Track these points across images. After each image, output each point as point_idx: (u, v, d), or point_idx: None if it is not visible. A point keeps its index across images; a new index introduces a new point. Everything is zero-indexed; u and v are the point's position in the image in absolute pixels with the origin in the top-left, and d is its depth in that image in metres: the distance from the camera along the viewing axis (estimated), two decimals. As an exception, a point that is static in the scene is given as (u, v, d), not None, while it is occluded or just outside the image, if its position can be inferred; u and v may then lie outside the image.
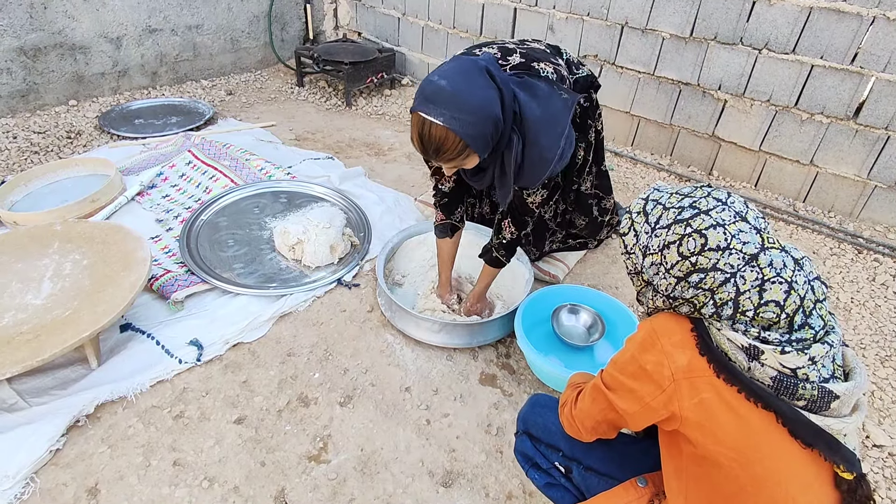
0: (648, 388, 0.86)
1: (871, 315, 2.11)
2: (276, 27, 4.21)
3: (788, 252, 0.83)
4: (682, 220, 0.85)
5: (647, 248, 0.91)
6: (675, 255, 0.85)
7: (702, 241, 0.82)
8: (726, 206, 0.84)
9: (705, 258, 0.82)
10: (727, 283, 0.81)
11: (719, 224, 0.82)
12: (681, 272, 0.85)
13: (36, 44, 3.13)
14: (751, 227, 0.82)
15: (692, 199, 0.87)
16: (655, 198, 0.93)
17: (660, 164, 3.11)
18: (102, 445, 1.49)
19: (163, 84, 3.77)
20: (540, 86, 1.43)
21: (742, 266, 0.80)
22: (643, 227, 0.92)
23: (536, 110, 1.40)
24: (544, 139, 1.40)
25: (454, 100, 1.25)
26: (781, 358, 0.77)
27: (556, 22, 3.24)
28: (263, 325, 1.87)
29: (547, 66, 1.52)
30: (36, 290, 1.67)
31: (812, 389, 0.76)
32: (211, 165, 2.61)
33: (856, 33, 2.36)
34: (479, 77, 1.30)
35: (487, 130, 1.30)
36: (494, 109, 1.30)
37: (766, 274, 0.79)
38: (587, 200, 2.08)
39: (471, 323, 1.80)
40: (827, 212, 2.72)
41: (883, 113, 2.42)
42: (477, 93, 1.28)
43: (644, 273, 0.93)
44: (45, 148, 2.92)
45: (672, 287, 0.87)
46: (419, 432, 1.57)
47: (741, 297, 0.80)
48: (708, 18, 2.71)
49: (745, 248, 0.80)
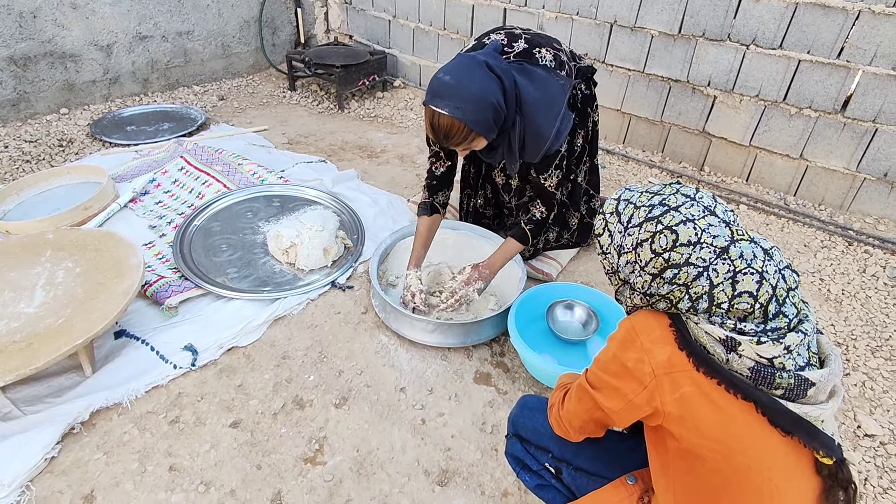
0: (631, 385, 0.87)
1: (861, 306, 2.13)
2: (267, 32, 4.22)
3: (758, 243, 0.85)
4: (652, 218, 0.87)
5: (621, 247, 0.92)
6: (648, 252, 0.87)
7: (673, 238, 0.84)
8: (695, 202, 0.86)
9: (678, 254, 0.83)
10: (700, 276, 0.82)
11: (689, 219, 0.84)
12: (655, 269, 0.86)
13: (26, 53, 3.13)
14: (720, 221, 0.84)
15: (661, 197, 0.89)
16: (626, 197, 0.95)
17: (651, 161, 3.13)
18: (98, 452, 1.49)
19: (154, 91, 3.77)
20: (538, 72, 1.62)
21: (714, 259, 0.82)
22: (616, 227, 0.94)
23: (534, 93, 1.60)
24: (541, 118, 1.61)
25: (457, 92, 1.47)
26: (758, 348, 0.78)
27: (546, 22, 3.26)
28: (258, 329, 1.87)
29: (548, 51, 1.67)
30: (29, 299, 1.67)
31: (789, 378, 0.78)
32: (203, 171, 2.62)
33: (841, 27, 2.38)
34: (478, 70, 1.50)
35: (488, 115, 1.50)
36: (493, 97, 1.50)
37: (737, 266, 0.81)
38: (580, 193, 2.12)
39: (465, 322, 1.81)
40: (817, 205, 2.74)
41: (870, 106, 2.44)
42: (476, 84, 1.48)
43: (620, 272, 0.94)
44: (36, 157, 2.92)
45: (648, 284, 0.88)
46: (414, 432, 1.58)
47: (715, 289, 0.81)
48: (695, 15, 2.73)
49: (715, 241, 0.82)
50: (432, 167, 1.94)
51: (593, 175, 2.12)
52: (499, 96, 1.51)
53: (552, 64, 1.64)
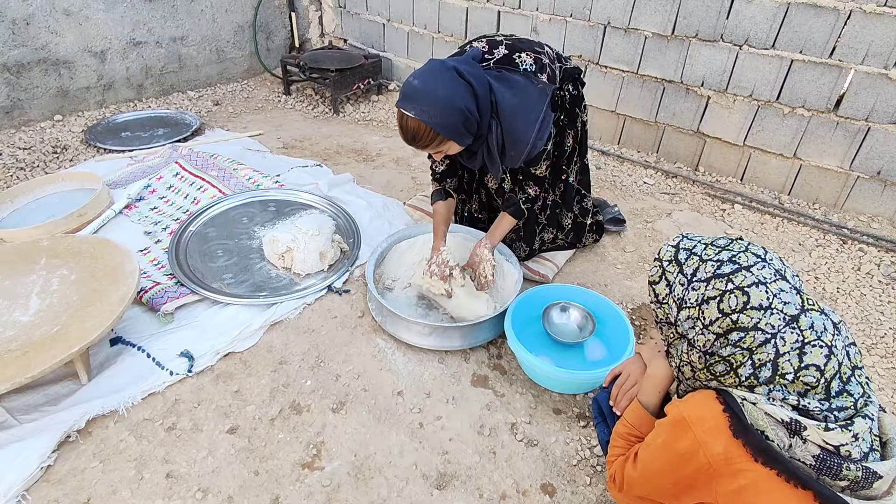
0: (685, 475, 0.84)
1: (856, 304, 2.14)
2: (262, 36, 4.22)
3: (828, 315, 0.82)
4: (722, 276, 0.83)
5: (682, 300, 0.87)
6: (714, 311, 0.82)
7: (744, 299, 0.80)
8: (766, 264, 0.83)
9: (747, 317, 0.79)
10: (767, 343, 0.79)
11: (761, 282, 0.80)
12: (720, 329, 0.82)
13: (19, 60, 3.12)
14: (791, 287, 0.81)
15: (731, 253, 0.85)
16: (688, 247, 0.90)
17: (646, 162, 3.14)
18: (94, 460, 1.48)
19: (149, 96, 3.76)
20: (516, 78, 1.64)
21: (782, 327, 0.78)
22: (677, 278, 0.89)
23: (512, 99, 1.62)
24: (520, 123, 1.64)
25: (424, 96, 1.51)
26: (825, 435, 0.74)
27: (540, 24, 3.27)
28: (254, 335, 1.87)
29: (528, 56, 1.68)
30: (24, 307, 1.67)
31: (856, 471, 0.73)
32: (199, 176, 2.61)
33: (833, 27, 2.40)
34: (446, 75, 1.53)
35: (455, 120, 1.54)
36: (461, 102, 1.53)
37: (806, 337, 0.78)
38: (572, 193, 2.13)
39: (461, 325, 1.81)
40: (812, 204, 2.75)
41: (862, 105, 2.45)
42: (443, 89, 1.51)
43: (679, 326, 0.89)
44: (30, 164, 2.91)
45: (710, 344, 0.84)
46: (412, 436, 1.58)
47: (780, 359, 0.78)
48: (688, 17, 2.74)
49: (786, 308, 0.79)
50: (433, 165, 2.00)
51: (584, 175, 2.13)
52: (468, 102, 1.54)
53: (532, 67, 1.66)
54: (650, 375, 1.10)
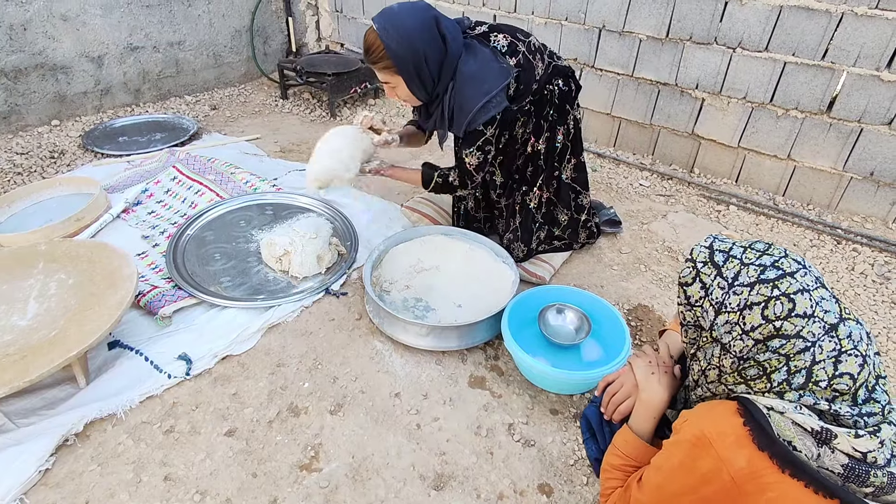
0: (704, 493, 0.82)
1: (850, 303, 2.15)
2: (259, 41, 4.24)
3: (862, 325, 0.83)
4: (767, 281, 0.81)
5: (721, 304, 0.85)
6: (758, 317, 0.81)
7: (790, 306, 0.79)
8: (808, 271, 0.83)
9: (791, 324, 0.79)
10: (805, 351, 0.78)
11: (805, 289, 0.79)
12: (761, 335, 0.81)
13: (16, 65, 3.13)
14: (830, 295, 0.81)
15: (773, 258, 0.84)
16: (724, 249, 0.89)
17: (642, 164, 3.16)
18: (92, 463, 1.48)
19: (146, 101, 3.77)
20: (483, 50, 1.73)
21: (822, 335, 0.78)
22: (716, 281, 0.86)
23: (471, 66, 1.70)
24: (469, 90, 1.70)
25: (393, 17, 1.62)
26: (855, 442, 0.75)
27: (536, 27, 3.29)
28: (252, 337, 1.87)
29: (504, 38, 1.77)
30: (21, 311, 1.67)
31: (882, 476, 0.74)
32: (196, 180, 2.62)
33: (825, 29, 2.42)
34: (424, 15, 1.63)
35: (408, 56, 1.63)
36: (420, 44, 1.62)
37: (843, 346, 0.78)
38: (567, 191, 2.15)
39: (459, 325, 1.81)
40: (806, 204, 2.77)
41: (855, 106, 2.47)
42: (412, 22, 1.61)
43: (714, 330, 0.87)
44: (28, 169, 2.91)
45: (749, 349, 0.83)
46: (409, 437, 1.58)
47: (816, 366, 0.78)
48: (682, 20, 2.77)
49: (826, 316, 0.79)
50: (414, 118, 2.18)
51: (580, 173, 2.15)
52: (429, 50, 1.64)
53: (504, 49, 1.73)
54: (644, 401, 1.07)
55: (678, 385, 1.11)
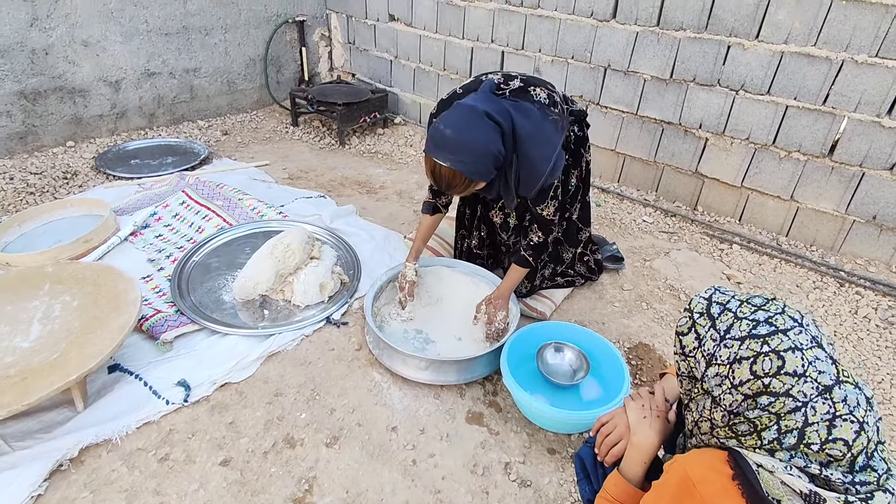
0: None
1: (853, 348, 2.14)
2: (272, 69, 4.34)
3: (862, 389, 0.80)
4: (758, 336, 0.81)
5: (713, 356, 0.85)
6: (746, 372, 0.80)
7: (779, 363, 0.78)
8: (803, 329, 0.81)
9: (779, 381, 0.78)
10: (797, 411, 0.77)
11: (797, 348, 0.78)
12: (750, 390, 0.80)
13: (36, 88, 3.22)
14: (826, 356, 0.79)
15: (767, 314, 0.83)
16: (721, 301, 0.89)
17: (646, 200, 3.18)
18: (85, 490, 1.47)
19: (160, 125, 3.86)
20: (533, 109, 1.68)
21: (815, 396, 0.77)
22: (709, 333, 0.87)
23: (530, 129, 1.65)
24: (537, 153, 1.66)
25: (459, 146, 1.54)
26: None
27: (542, 65, 3.36)
28: (251, 365, 1.88)
29: (542, 91, 1.72)
30: (25, 333, 1.69)
31: None
32: (204, 205, 2.66)
33: (826, 76, 2.46)
34: (479, 121, 1.56)
35: (489, 165, 1.59)
36: (494, 147, 1.57)
37: (838, 409, 0.76)
38: (574, 229, 2.18)
39: (458, 360, 1.81)
40: (809, 245, 2.78)
41: (856, 151, 2.50)
42: (478, 138, 1.55)
43: (705, 382, 0.87)
44: (40, 189, 2.97)
45: (738, 404, 0.82)
46: (405, 473, 1.57)
47: (808, 428, 0.76)
48: (686, 62, 2.83)
49: (820, 377, 0.77)
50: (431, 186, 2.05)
51: (584, 211, 2.18)
52: (499, 145, 1.58)
53: (546, 101, 1.70)
54: (635, 444, 1.07)
55: (671, 430, 1.10)
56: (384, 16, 4.09)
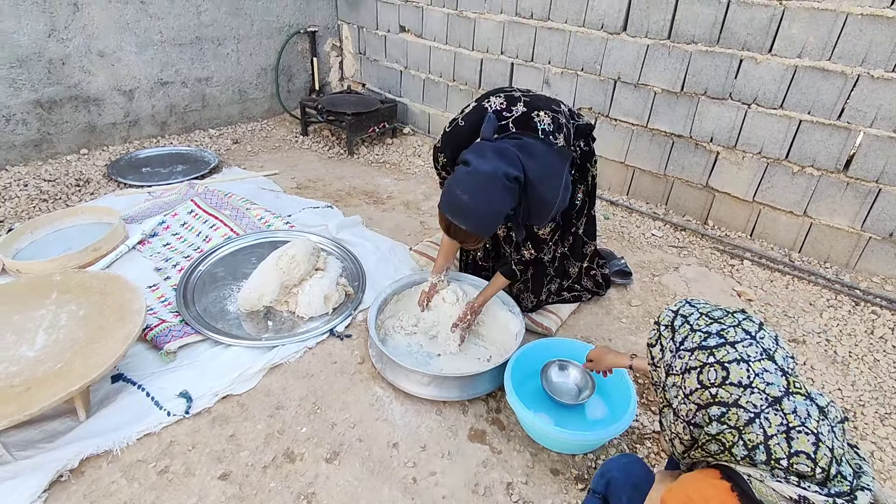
0: None
1: (869, 370, 2.08)
2: (283, 79, 4.38)
3: (814, 400, 0.81)
4: (706, 348, 0.84)
5: (670, 366, 0.89)
6: (694, 381, 0.83)
7: (723, 374, 0.81)
8: (754, 341, 0.83)
9: (726, 392, 0.80)
10: (752, 423, 0.78)
11: (743, 360, 0.81)
12: (700, 400, 0.83)
13: (52, 97, 3.27)
14: (777, 368, 0.81)
15: (720, 326, 0.86)
16: (685, 313, 0.92)
17: (655, 214, 3.15)
18: (84, 502, 1.47)
19: (171, 133, 3.90)
20: (537, 145, 1.64)
21: (765, 407, 0.78)
22: (668, 344, 0.90)
23: (537, 169, 1.61)
24: (546, 190, 1.63)
25: (474, 213, 1.55)
26: None
27: (552, 77, 3.35)
28: (254, 377, 1.87)
29: (546, 114, 1.69)
30: (30, 342, 1.69)
31: None
32: (212, 214, 2.67)
33: (841, 90, 2.42)
34: (496, 188, 1.54)
35: (499, 223, 1.62)
36: (506, 207, 1.58)
37: (790, 421, 0.77)
38: (580, 243, 2.16)
39: (461, 375, 1.79)
40: (823, 262, 2.72)
41: (872, 166, 2.45)
42: (493, 204, 1.55)
43: (666, 392, 0.90)
44: (53, 196, 3.00)
45: (692, 414, 0.84)
46: (405, 491, 1.54)
47: (770, 441, 0.77)
48: (697, 75, 2.80)
49: (768, 388, 0.79)
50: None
51: (589, 225, 2.16)
52: (512, 203, 1.59)
53: (550, 127, 1.66)
54: None
55: None
56: (395, 27, 4.11)
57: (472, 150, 1.61)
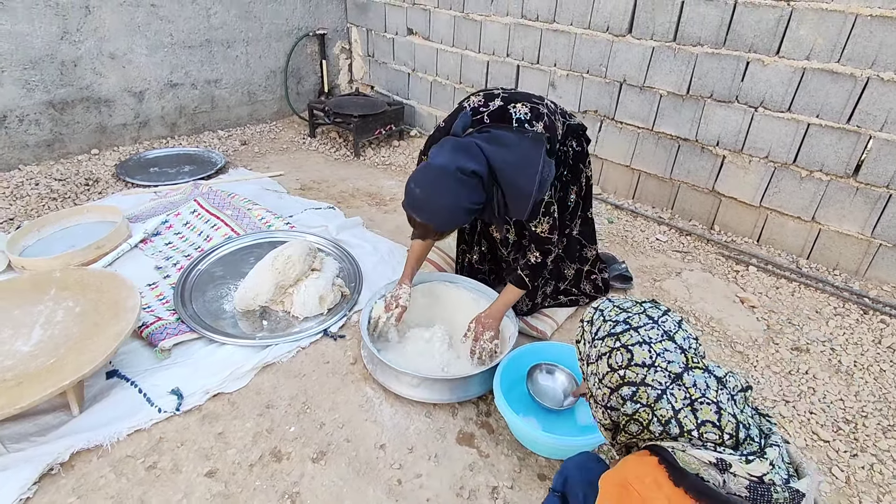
0: None
1: (874, 380, 2.02)
2: (292, 81, 4.42)
3: (711, 371, 0.88)
4: (613, 334, 0.93)
5: (588, 356, 0.98)
6: (605, 366, 0.92)
7: (628, 357, 0.89)
8: (656, 325, 0.91)
9: (632, 372, 0.88)
10: (661, 399, 0.85)
11: (645, 342, 0.89)
12: (611, 383, 0.90)
13: (64, 98, 3.34)
14: (676, 347, 0.89)
15: (627, 315, 0.95)
16: (602, 308, 1.00)
17: (661, 218, 3.10)
18: (72, 496, 1.49)
19: (181, 134, 3.96)
20: (507, 135, 1.63)
21: (669, 384, 0.86)
22: (587, 337, 0.99)
23: (508, 158, 1.61)
24: (520, 179, 1.62)
25: (428, 206, 1.58)
26: (748, 467, 0.80)
27: (558, 79, 3.33)
28: (245, 376, 1.88)
29: (523, 106, 1.68)
30: (26, 337, 1.73)
31: (783, 492, 0.78)
32: (214, 214, 2.70)
33: (850, 93, 2.37)
34: (448, 181, 1.54)
35: (460, 217, 1.61)
36: (464, 202, 1.57)
37: (692, 394, 0.85)
38: (575, 246, 2.14)
39: (450, 378, 1.78)
40: (832, 269, 2.65)
41: (883, 171, 2.39)
42: (446, 197, 1.56)
43: (588, 380, 0.98)
44: (63, 195, 3.07)
45: (607, 398, 0.91)
46: (389, 493, 1.53)
47: (679, 414, 0.84)
48: (703, 77, 2.76)
49: (669, 366, 0.87)
50: None
51: (586, 227, 2.13)
52: (473, 196, 1.58)
53: (527, 116, 1.66)
54: None
55: None
56: (403, 29, 4.13)
57: (435, 147, 1.63)
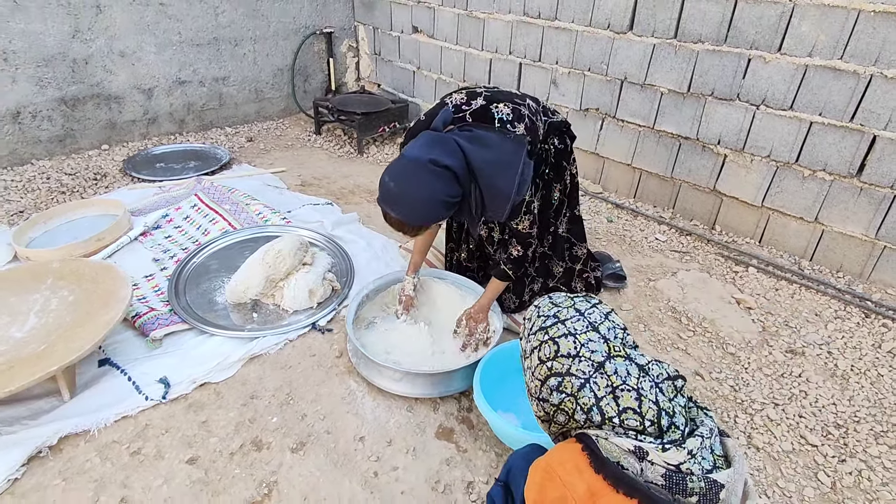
0: None
1: (871, 385, 1.97)
2: (299, 79, 4.47)
3: (633, 360, 0.91)
4: (544, 328, 0.96)
5: (523, 351, 1.02)
6: (535, 359, 0.95)
7: (555, 348, 0.92)
8: (582, 317, 0.95)
9: (559, 363, 0.91)
10: (584, 388, 0.88)
11: (570, 333, 0.93)
12: (541, 375, 0.94)
13: (76, 95, 3.43)
14: (600, 337, 0.92)
15: (557, 309, 0.98)
16: (539, 305, 1.04)
17: (661, 217, 3.06)
18: (58, 478, 1.53)
19: (189, 130, 4.03)
20: (489, 136, 1.61)
21: (592, 373, 0.89)
22: (525, 333, 1.03)
23: (488, 157, 1.59)
24: (499, 179, 1.60)
25: (401, 199, 1.55)
26: (664, 455, 0.82)
27: (559, 77, 3.31)
28: (232, 366, 1.91)
29: (506, 105, 1.66)
30: (21, 324, 1.78)
31: (699, 481, 0.80)
32: (213, 209, 2.75)
33: (853, 91, 2.31)
34: (421, 173, 1.52)
35: (435, 211, 1.58)
36: (440, 194, 1.54)
37: (613, 381, 0.88)
38: (562, 244, 2.12)
39: (432, 372, 1.79)
40: (835, 272, 2.59)
41: (887, 171, 2.32)
42: (420, 190, 1.53)
43: (525, 375, 1.00)
44: (71, 188, 3.15)
45: (538, 389, 0.94)
46: (365, 485, 1.55)
47: (601, 402, 0.87)
48: (704, 75, 2.71)
49: (592, 356, 0.90)
50: None
51: (575, 225, 2.12)
52: (449, 189, 1.55)
53: (509, 117, 1.63)
54: None
55: None
56: (408, 28, 4.14)
57: (412, 140, 1.63)
